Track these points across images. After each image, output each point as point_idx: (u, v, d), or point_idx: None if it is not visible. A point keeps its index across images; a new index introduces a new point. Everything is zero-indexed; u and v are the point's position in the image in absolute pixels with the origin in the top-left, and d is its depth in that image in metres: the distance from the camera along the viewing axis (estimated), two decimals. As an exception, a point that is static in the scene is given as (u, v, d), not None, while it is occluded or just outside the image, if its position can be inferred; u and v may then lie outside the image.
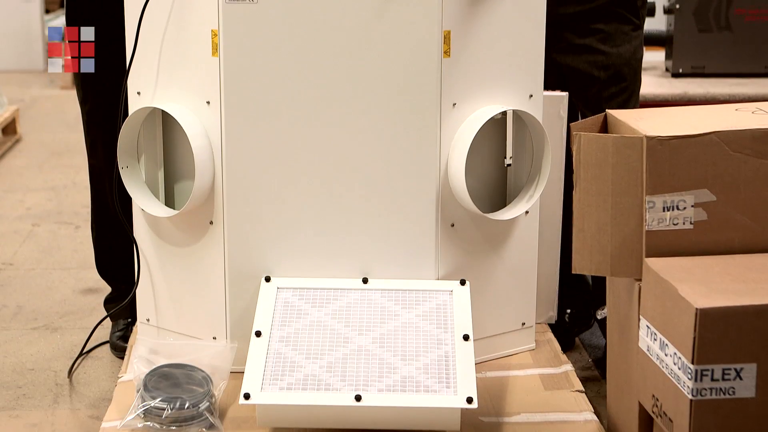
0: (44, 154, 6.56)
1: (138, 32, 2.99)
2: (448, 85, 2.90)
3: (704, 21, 4.42)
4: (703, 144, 2.57)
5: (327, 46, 2.87)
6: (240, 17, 2.85)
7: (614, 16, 3.53)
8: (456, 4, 2.87)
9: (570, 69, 3.55)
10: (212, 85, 2.90)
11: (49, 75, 9.02)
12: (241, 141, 2.92)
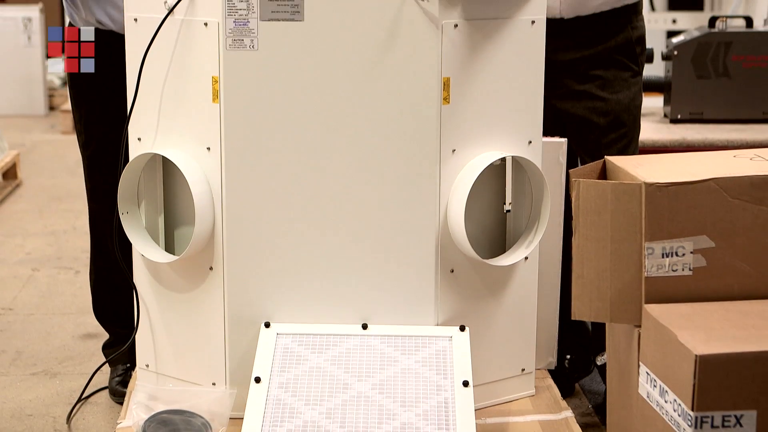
0: (44, 199, 6.57)
1: (139, 78, 3.00)
2: (448, 131, 2.92)
3: (702, 67, 4.44)
4: (701, 191, 2.58)
5: (327, 93, 2.89)
6: (240, 64, 2.87)
7: (613, 63, 3.55)
8: (455, 51, 2.89)
9: (569, 115, 3.57)
10: (213, 131, 2.92)
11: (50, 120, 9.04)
12: (242, 187, 2.92)
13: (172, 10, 2.92)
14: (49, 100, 9.35)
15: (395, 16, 2.86)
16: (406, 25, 2.86)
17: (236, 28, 2.86)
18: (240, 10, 2.85)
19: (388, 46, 2.87)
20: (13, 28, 9.14)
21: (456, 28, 2.88)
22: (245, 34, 2.86)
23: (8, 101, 9.14)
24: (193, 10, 2.91)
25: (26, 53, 9.17)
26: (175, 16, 2.93)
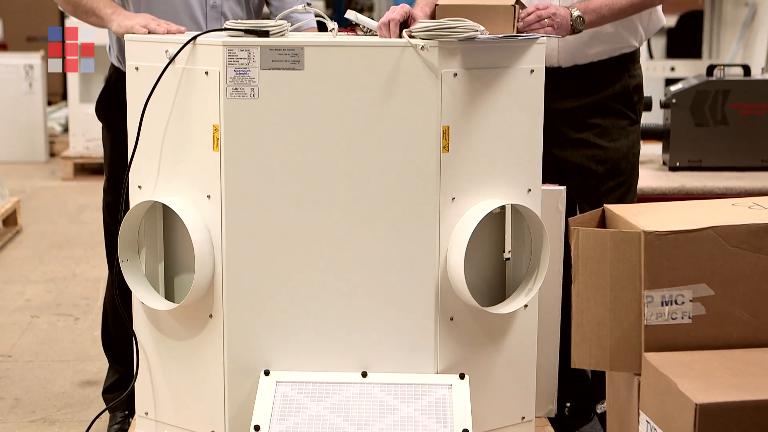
0: (44, 246, 6.57)
1: (140, 126, 3.02)
2: (447, 179, 2.93)
3: (700, 115, 4.46)
4: (700, 239, 2.59)
5: (327, 141, 2.90)
6: (241, 112, 2.88)
7: (611, 111, 3.57)
8: (455, 100, 2.91)
9: (568, 163, 3.58)
10: (213, 179, 2.93)
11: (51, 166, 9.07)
12: (242, 235, 2.93)
13: (173, 58, 2.94)
14: (50, 146, 9.38)
15: (395, 65, 2.88)
16: (405, 74, 2.88)
17: (237, 77, 2.87)
18: (241, 59, 2.87)
19: (388, 94, 2.89)
20: (15, 75, 9.18)
21: (455, 77, 2.90)
22: (246, 83, 2.88)
23: (9, 148, 9.17)
24: (194, 58, 2.93)
25: (27, 100, 9.20)
26: (176, 65, 2.95)
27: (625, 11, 3.41)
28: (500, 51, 2.97)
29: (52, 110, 9.88)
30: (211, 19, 3.40)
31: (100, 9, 3.24)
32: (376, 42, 2.92)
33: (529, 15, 3.20)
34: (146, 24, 3.12)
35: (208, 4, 3.44)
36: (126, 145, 3.21)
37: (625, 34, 3.54)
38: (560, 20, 3.27)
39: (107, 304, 3.74)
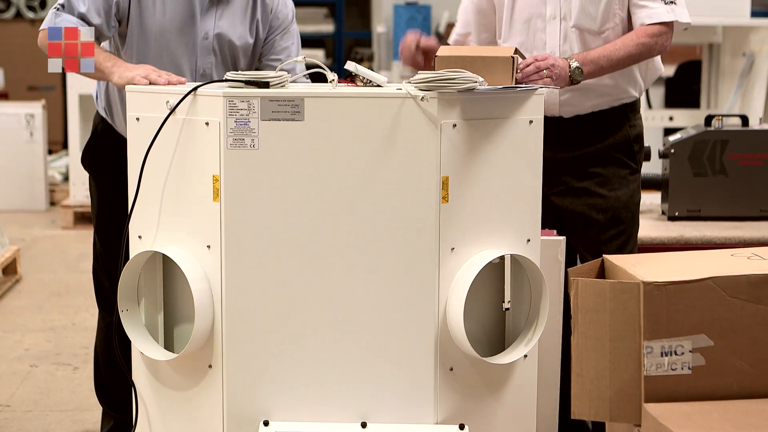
0: (44, 294, 6.57)
1: (140, 176, 3.03)
2: (447, 229, 2.93)
3: (699, 165, 4.48)
4: (699, 289, 2.59)
5: (327, 191, 2.91)
6: (241, 163, 2.90)
7: (612, 161, 3.59)
8: (454, 150, 2.92)
9: (569, 212, 3.60)
10: (213, 229, 2.93)
11: (51, 215, 9.08)
12: (241, 285, 2.93)
13: (174, 109, 2.96)
14: (50, 195, 9.40)
15: (395, 116, 2.89)
16: (405, 125, 2.89)
17: (237, 128, 2.89)
18: (241, 110, 2.88)
19: (388, 144, 2.90)
20: (16, 125, 9.21)
21: (455, 128, 2.91)
22: (246, 134, 2.89)
23: (9, 196, 9.18)
24: (195, 109, 2.95)
25: (28, 149, 9.22)
26: (176, 116, 2.97)
27: (623, 62, 3.44)
28: (499, 102, 2.99)
29: (52, 159, 9.90)
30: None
31: (100, 63, 3.26)
32: (376, 93, 2.93)
33: (527, 66, 3.22)
34: (147, 75, 3.15)
35: (198, 72, 3.48)
36: (115, 195, 3.23)
37: (624, 84, 3.57)
38: (559, 71, 3.29)
39: (98, 348, 3.74)
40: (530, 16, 3.56)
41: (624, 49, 3.42)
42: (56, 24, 3.34)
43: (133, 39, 3.44)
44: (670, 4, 3.46)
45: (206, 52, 3.48)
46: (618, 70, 3.47)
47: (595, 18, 3.49)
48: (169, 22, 3.43)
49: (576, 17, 3.50)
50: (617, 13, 3.50)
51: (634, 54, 3.44)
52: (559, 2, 3.52)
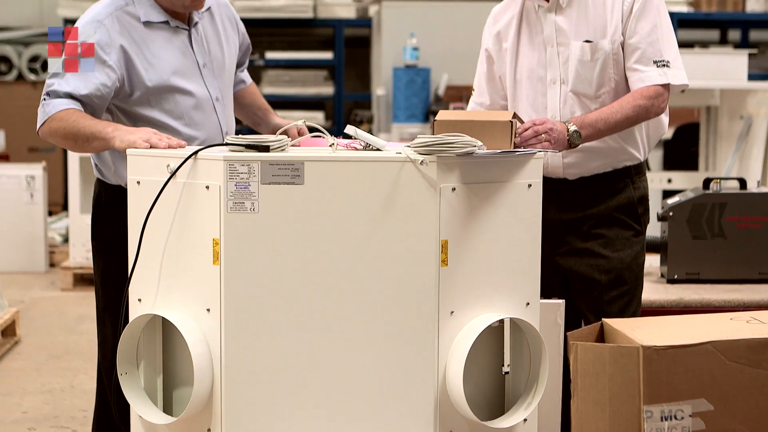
0: (42, 357, 6.55)
1: (140, 240, 3.04)
2: (446, 293, 2.94)
3: (698, 228, 4.49)
4: (699, 353, 2.59)
5: (327, 255, 2.92)
6: (241, 226, 2.91)
7: (616, 222, 3.60)
8: (453, 214, 2.93)
9: (572, 272, 3.61)
10: (213, 292, 2.94)
11: (51, 276, 9.08)
12: (241, 349, 2.93)
13: (174, 173, 2.97)
14: (50, 256, 9.40)
15: (394, 180, 2.91)
16: (404, 188, 2.91)
17: (237, 191, 2.90)
18: (241, 174, 2.90)
19: (387, 208, 2.91)
20: (16, 186, 9.24)
21: (454, 192, 2.93)
22: (246, 197, 2.90)
23: (9, 258, 9.18)
24: (195, 173, 2.96)
25: (28, 210, 9.24)
26: (177, 179, 2.98)
27: (621, 125, 3.46)
28: (498, 166, 3.01)
29: (52, 220, 9.92)
30: None
31: (99, 131, 3.28)
32: (375, 157, 2.95)
33: (526, 130, 3.24)
34: (148, 138, 3.17)
35: (213, 99, 3.55)
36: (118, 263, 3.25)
37: (627, 146, 3.60)
38: (557, 135, 3.31)
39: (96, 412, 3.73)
40: (532, 80, 3.59)
41: (621, 112, 3.45)
42: (47, 113, 3.38)
43: (140, 96, 3.45)
44: (662, 68, 3.49)
45: (211, 78, 3.55)
46: (616, 132, 3.50)
47: (591, 82, 3.52)
48: (169, 68, 3.47)
49: (573, 82, 3.53)
50: (612, 78, 3.53)
51: (632, 116, 3.47)
52: (558, 67, 3.55)
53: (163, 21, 3.50)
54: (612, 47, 3.51)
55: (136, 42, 3.45)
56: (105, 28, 3.42)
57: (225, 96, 3.60)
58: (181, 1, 3.47)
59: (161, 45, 3.48)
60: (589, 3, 3.53)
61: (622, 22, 3.51)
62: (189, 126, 3.49)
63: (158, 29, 3.49)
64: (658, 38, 3.51)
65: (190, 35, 3.54)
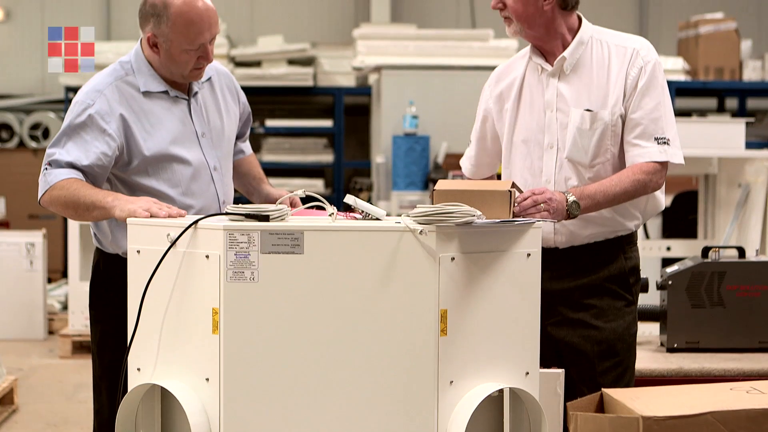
0: (40, 426, 6.52)
1: (140, 310, 3.04)
2: (445, 362, 2.93)
3: (697, 297, 4.49)
4: (699, 424, 2.59)
5: (326, 325, 2.92)
6: (241, 296, 2.91)
7: (607, 292, 3.60)
8: (453, 284, 2.94)
9: (564, 343, 3.60)
10: (212, 362, 2.93)
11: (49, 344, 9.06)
12: (240, 418, 2.92)
13: (174, 242, 2.98)
14: (49, 324, 9.38)
15: (394, 249, 2.92)
16: (404, 258, 2.92)
17: (237, 261, 2.91)
18: (241, 243, 2.91)
19: (387, 278, 2.92)
20: (16, 253, 9.24)
21: (453, 261, 2.94)
22: (246, 267, 2.91)
23: (7, 325, 9.16)
24: (195, 242, 2.97)
25: (28, 278, 9.24)
26: (177, 248, 2.99)
27: (619, 198, 3.48)
28: (497, 235, 3.02)
29: (52, 288, 9.91)
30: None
31: (100, 200, 3.30)
32: (375, 226, 2.96)
33: (525, 200, 3.26)
34: (148, 208, 3.18)
35: (211, 167, 3.57)
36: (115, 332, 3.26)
37: (620, 217, 3.60)
38: (556, 205, 3.32)
39: None
40: (529, 144, 3.61)
41: (620, 185, 3.47)
42: (48, 182, 3.40)
43: (139, 166, 3.47)
44: (662, 145, 3.51)
45: (209, 148, 3.57)
46: (614, 205, 3.51)
47: (587, 151, 3.54)
48: (168, 138, 3.49)
49: (569, 149, 3.55)
50: (608, 149, 3.55)
51: (630, 190, 3.48)
52: (556, 132, 3.57)
53: (163, 91, 3.53)
54: (611, 118, 3.53)
55: (135, 111, 3.48)
56: (105, 97, 3.46)
57: (223, 165, 3.62)
58: (180, 71, 3.50)
59: (160, 114, 3.51)
60: (593, 72, 3.56)
61: (624, 96, 3.53)
62: (186, 195, 3.50)
63: (157, 99, 3.52)
64: (661, 116, 3.52)
65: (189, 105, 3.56)
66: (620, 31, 3.66)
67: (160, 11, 3.44)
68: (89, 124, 3.44)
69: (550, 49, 3.59)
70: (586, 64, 3.56)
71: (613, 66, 3.55)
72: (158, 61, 3.51)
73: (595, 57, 3.57)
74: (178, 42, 3.45)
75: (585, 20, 3.62)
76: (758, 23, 11.97)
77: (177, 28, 3.43)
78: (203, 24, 3.45)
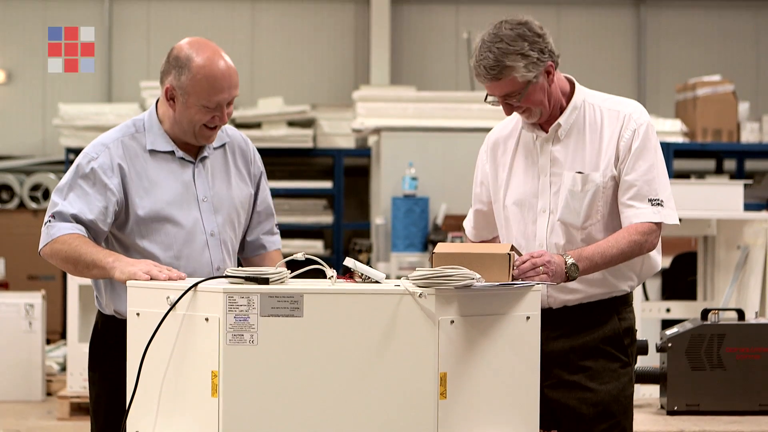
0: (36, 489, 6.47)
1: (139, 372, 3.03)
2: (445, 426, 2.93)
3: (697, 359, 4.49)
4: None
5: (325, 387, 2.92)
6: (240, 358, 2.91)
7: (601, 354, 3.59)
8: (452, 347, 2.94)
9: (560, 405, 3.59)
10: (211, 425, 2.92)
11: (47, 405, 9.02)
12: (238, 482, 2.91)
13: (174, 305, 2.99)
14: (47, 385, 9.35)
15: (393, 312, 2.92)
16: (403, 321, 2.92)
17: (237, 324, 2.91)
18: (240, 306, 2.91)
19: (386, 341, 2.92)
20: (15, 314, 9.23)
21: (452, 324, 2.94)
22: (245, 329, 2.91)
23: (5, 386, 9.13)
24: (195, 305, 2.98)
25: (26, 339, 9.21)
26: (177, 311, 2.99)
27: (616, 259, 3.48)
28: (496, 298, 3.03)
29: (50, 349, 9.88)
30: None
31: (100, 260, 3.30)
32: (374, 289, 2.97)
33: (524, 263, 3.26)
34: (148, 270, 3.18)
35: (207, 233, 3.51)
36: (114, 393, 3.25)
37: (613, 279, 3.60)
38: (555, 268, 3.33)
39: None
40: (523, 209, 3.62)
41: (617, 246, 3.48)
42: (51, 235, 3.40)
43: (134, 226, 3.46)
44: (656, 206, 3.52)
45: (209, 213, 3.52)
46: (612, 266, 3.51)
47: (579, 213, 3.55)
48: (168, 198, 3.48)
49: (561, 212, 3.56)
50: (599, 210, 3.56)
51: (627, 251, 3.49)
52: (549, 197, 3.58)
53: (169, 151, 3.51)
54: (603, 180, 3.54)
55: (136, 170, 3.47)
56: (109, 152, 3.46)
57: (222, 232, 3.54)
58: (192, 129, 3.47)
59: (160, 175, 3.50)
60: (586, 134, 3.58)
61: (617, 158, 3.55)
62: (178, 258, 3.45)
63: (162, 159, 3.51)
64: (655, 177, 3.54)
65: (194, 168, 3.53)
66: (616, 95, 3.68)
67: (182, 63, 3.42)
68: (92, 177, 3.44)
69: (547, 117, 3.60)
70: (579, 128, 3.58)
71: (605, 129, 3.57)
72: (172, 117, 3.49)
73: (588, 120, 3.58)
74: (196, 97, 3.42)
75: (577, 84, 3.64)
76: (755, 86, 12.05)
77: (197, 82, 3.41)
78: (224, 82, 3.43)
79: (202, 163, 3.55)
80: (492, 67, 3.45)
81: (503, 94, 3.50)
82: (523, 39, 3.45)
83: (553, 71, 3.53)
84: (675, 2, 12.19)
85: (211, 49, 3.45)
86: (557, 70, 3.56)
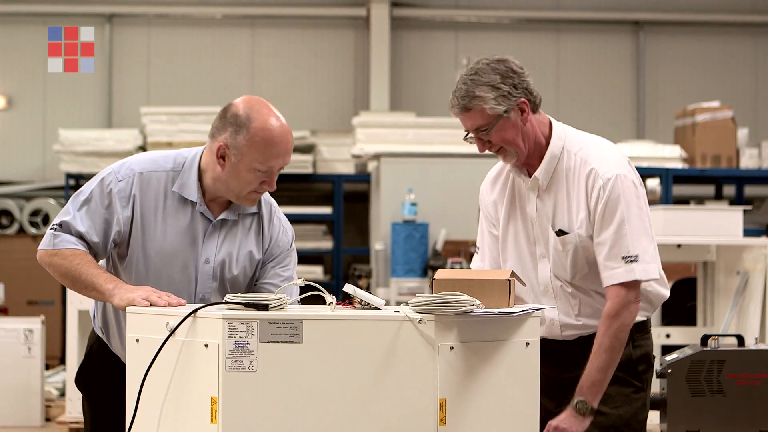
0: None
1: (138, 398, 3.03)
2: (445, 452, 2.92)
3: (697, 385, 4.48)
4: None
5: (325, 413, 2.91)
6: (239, 385, 2.90)
7: (615, 379, 3.57)
8: (452, 373, 2.94)
9: (573, 430, 3.59)
10: (210, 452, 2.92)
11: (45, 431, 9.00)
12: None
13: (173, 331, 2.99)
14: (46, 410, 9.33)
15: (393, 338, 2.92)
16: (403, 347, 2.92)
17: (236, 350, 2.91)
18: (240, 332, 2.91)
19: (386, 367, 2.92)
20: (14, 340, 9.21)
21: (452, 350, 2.94)
22: (245, 356, 2.91)
23: (4, 412, 9.11)
24: (194, 331, 2.98)
25: (25, 364, 9.20)
26: (176, 337, 2.99)
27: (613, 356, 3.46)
28: (496, 325, 3.03)
29: (49, 374, 9.87)
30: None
31: (100, 284, 3.30)
32: (374, 315, 2.97)
33: None
34: (148, 297, 3.18)
35: (197, 296, 3.45)
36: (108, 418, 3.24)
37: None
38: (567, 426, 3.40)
39: None
40: (522, 253, 3.61)
41: (603, 349, 3.44)
42: (55, 244, 3.38)
43: (132, 261, 3.44)
44: (630, 263, 3.46)
45: (206, 276, 3.45)
46: (615, 362, 3.48)
47: (566, 269, 3.55)
48: (170, 246, 3.42)
49: (552, 265, 3.56)
50: (584, 265, 3.54)
51: (615, 344, 3.44)
52: (543, 244, 3.58)
53: (192, 201, 3.42)
54: (578, 240, 3.51)
55: (152, 209, 3.41)
56: (132, 180, 3.40)
57: (214, 298, 3.42)
58: (239, 190, 3.37)
59: (173, 223, 3.42)
60: (563, 190, 3.52)
61: (588, 219, 3.50)
62: None
63: (182, 206, 3.42)
64: (626, 233, 3.45)
65: (208, 228, 3.44)
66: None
67: (241, 122, 3.34)
68: (108, 198, 3.40)
69: (529, 160, 3.57)
70: (559, 181, 3.53)
71: (579, 186, 3.50)
72: (217, 173, 3.38)
73: (566, 173, 3.52)
74: (250, 158, 3.33)
75: (555, 127, 3.57)
76: (754, 111, 12.08)
77: (254, 143, 3.33)
78: (280, 148, 3.35)
79: (218, 224, 3.46)
80: (462, 97, 3.45)
81: (474, 128, 3.48)
82: (497, 72, 3.45)
83: (528, 110, 3.48)
84: (674, 28, 12.23)
85: (270, 111, 3.39)
86: (540, 111, 3.54)
